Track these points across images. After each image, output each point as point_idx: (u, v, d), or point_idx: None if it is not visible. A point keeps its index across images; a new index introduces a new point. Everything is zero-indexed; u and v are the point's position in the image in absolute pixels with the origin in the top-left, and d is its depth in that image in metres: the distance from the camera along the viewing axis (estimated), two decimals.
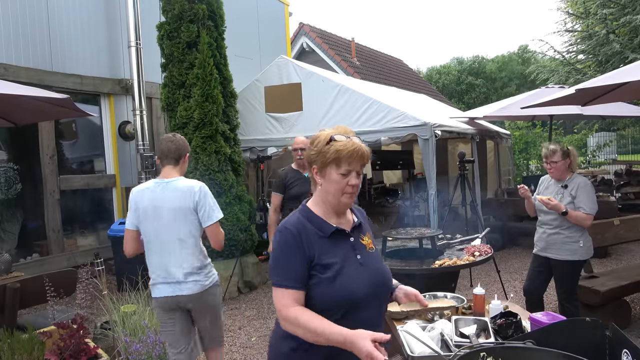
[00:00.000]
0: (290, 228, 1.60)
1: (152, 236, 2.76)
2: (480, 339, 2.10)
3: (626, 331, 4.04)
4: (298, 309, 1.53)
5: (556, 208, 3.56)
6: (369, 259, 1.68)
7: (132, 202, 2.77)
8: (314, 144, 1.65)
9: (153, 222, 2.73)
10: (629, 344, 1.47)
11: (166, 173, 2.81)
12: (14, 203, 6.58)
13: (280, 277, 1.57)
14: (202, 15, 5.95)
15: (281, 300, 1.55)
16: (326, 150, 1.60)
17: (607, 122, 14.27)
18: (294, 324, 1.52)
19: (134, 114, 7.30)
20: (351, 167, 1.60)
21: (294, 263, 1.56)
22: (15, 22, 6.25)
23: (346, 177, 1.60)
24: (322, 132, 1.67)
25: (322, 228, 1.63)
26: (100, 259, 4.07)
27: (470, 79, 35.74)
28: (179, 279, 2.73)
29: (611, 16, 11.88)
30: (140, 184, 2.88)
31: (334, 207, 1.66)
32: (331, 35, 16.28)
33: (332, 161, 1.59)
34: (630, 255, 6.95)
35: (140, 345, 2.95)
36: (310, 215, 1.66)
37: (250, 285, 6.05)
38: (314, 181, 1.68)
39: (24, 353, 2.66)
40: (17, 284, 3.32)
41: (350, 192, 1.62)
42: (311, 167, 1.66)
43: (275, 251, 1.60)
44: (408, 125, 6.01)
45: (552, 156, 3.65)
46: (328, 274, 1.57)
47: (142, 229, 2.77)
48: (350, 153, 1.58)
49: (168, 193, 2.74)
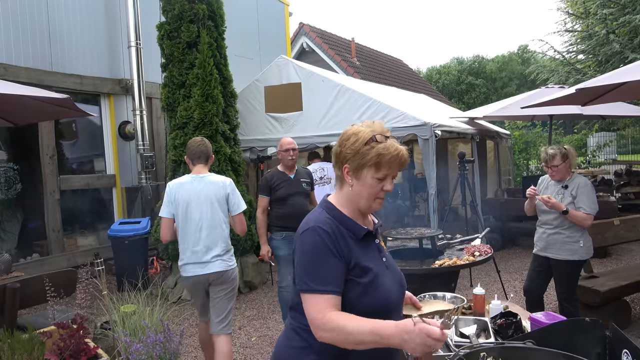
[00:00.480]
0: (325, 228, 1.45)
1: (192, 222, 3.16)
2: (480, 339, 2.09)
3: (626, 331, 4.04)
4: (338, 313, 1.38)
5: (556, 207, 3.56)
6: (390, 261, 1.63)
7: (171, 194, 3.19)
8: (349, 141, 1.50)
9: (194, 210, 3.16)
10: (629, 344, 1.47)
11: (199, 170, 3.27)
12: (14, 203, 6.59)
13: (316, 281, 1.40)
14: (202, 15, 5.95)
15: (316, 306, 1.38)
16: (366, 151, 1.47)
17: (607, 122, 14.27)
18: (336, 329, 1.35)
19: (134, 114, 7.30)
20: (390, 172, 1.49)
21: (332, 266, 1.42)
22: (15, 22, 6.25)
23: (382, 182, 1.49)
24: (360, 130, 1.51)
25: (354, 230, 1.51)
26: (100, 259, 4.08)
27: (470, 79, 35.74)
28: (208, 259, 3.14)
29: (611, 16, 11.88)
30: (176, 179, 3.29)
31: (362, 210, 1.56)
32: (331, 35, 16.28)
33: (372, 164, 1.47)
34: (630, 255, 6.95)
35: (140, 345, 2.95)
36: (341, 215, 1.53)
37: (250, 285, 6.05)
38: (342, 180, 1.55)
39: (24, 353, 2.66)
40: (17, 284, 3.32)
41: (382, 197, 1.53)
42: (342, 165, 1.52)
43: (308, 254, 1.43)
44: (408, 125, 6.01)
45: (552, 160, 3.63)
46: (365, 278, 1.46)
47: (181, 216, 3.17)
48: (393, 158, 1.47)
49: (205, 185, 3.21)
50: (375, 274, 1.49)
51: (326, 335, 1.37)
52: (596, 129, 13.76)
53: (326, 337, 1.38)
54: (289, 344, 1.54)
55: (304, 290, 1.42)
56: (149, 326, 3.23)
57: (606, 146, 14.01)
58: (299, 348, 1.50)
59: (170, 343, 3.12)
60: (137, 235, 6.08)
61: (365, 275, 1.47)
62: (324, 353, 1.46)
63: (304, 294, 1.42)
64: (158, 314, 3.53)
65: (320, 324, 1.37)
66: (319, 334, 1.39)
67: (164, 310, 3.81)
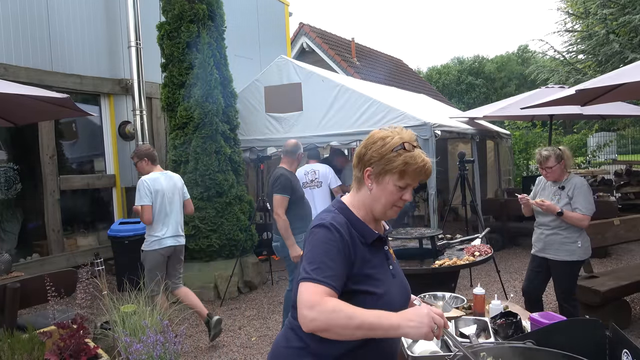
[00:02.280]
0: (339, 228, 1.42)
1: (167, 207, 4.23)
2: (480, 339, 2.10)
3: (626, 331, 4.05)
4: (335, 299, 1.31)
5: (550, 209, 3.56)
6: (397, 269, 1.60)
7: (150, 186, 4.11)
8: (376, 144, 1.47)
9: (168, 198, 4.23)
10: (629, 344, 1.47)
11: (159, 169, 4.33)
12: (14, 203, 6.58)
13: (317, 272, 1.33)
14: (202, 15, 5.95)
15: (314, 290, 1.30)
16: (392, 157, 1.43)
17: (607, 122, 14.27)
18: (336, 310, 1.26)
19: (134, 114, 7.29)
20: (413, 182, 1.46)
21: (337, 263, 1.37)
22: (15, 22, 6.25)
23: (402, 191, 1.47)
24: (388, 135, 1.47)
25: (364, 234, 1.48)
26: (100, 259, 4.10)
27: (470, 79, 35.75)
28: (180, 234, 4.34)
29: (611, 16, 11.88)
30: (147, 175, 4.20)
31: (376, 216, 1.52)
32: (331, 35, 16.28)
33: (396, 172, 1.44)
34: (630, 255, 6.95)
35: (140, 345, 2.95)
36: (353, 217, 1.50)
37: (250, 285, 6.05)
38: (360, 183, 1.51)
39: (24, 353, 2.66)
40: (17, 284, 3.32)
41: (400, 206, 1.50)
42: (364, 168, 1.49)
43: (317, 247, 1.39)
44: (408, 125, 5.99)
45: (546, 162, 3.62)
46: (367, 286, 1.43)
47: (160, 203, 4.17)
48: (419, 169, 1.44)
49: (171, 179, 4.32)
50: (380, 281, 1.46)
51: (322, 317, 1.26)
52: (596, 129, 13.77)
53: (321, 319, 1.26)
54: (287, 345, 1.52)
55: (304, 279, 1.34)
56: (149, 326, 3.23)
57: (606, 146, 14.02)
58: (297, 349, 1.48)
59: (170, 343, 3.12)
60: (137, 235, 6.07)
61: (368, 282, 1.43)
62: (321, 357, 1.43)
63: (302, 283, 1.34)
64: (158, 314, 3.53)
65: (316, 304, 1.27)
66: (311, 315, 1.27)
67: (164, 310, 3.81)
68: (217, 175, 5.80)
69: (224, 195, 5.85)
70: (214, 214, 5.78)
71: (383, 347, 1.48)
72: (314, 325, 1.27)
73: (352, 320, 1.26)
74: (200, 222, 5.70)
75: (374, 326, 1.27)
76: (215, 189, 5.80)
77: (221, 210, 5.83)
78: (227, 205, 5.85)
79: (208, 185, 5.77)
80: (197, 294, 5.65)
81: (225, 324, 4.88)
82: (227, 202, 5.85)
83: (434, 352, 1.94)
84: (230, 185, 5.93)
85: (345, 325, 1.26)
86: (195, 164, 5.80)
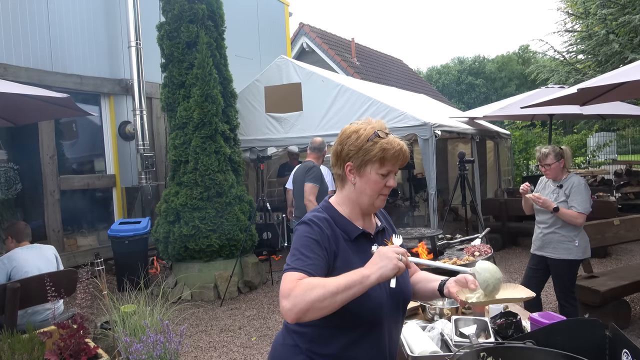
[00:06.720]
0: (319, 223, 1.45)
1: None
2: (480, 339, 2.09)
3: (626, 331, 4.05)
4: (307, 278, 1.31)
5: (545, 205, 3.61)
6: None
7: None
8: (350, 138, 1.49)
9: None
10: (629, 344, 1.47)
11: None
12: (14, 203, 6.58)
13: (296, 262, 1.36)
14: (201, 15, 5.95)
15: (290, 278, 1.31)
16: (369, 147, 1.46)
17: (607, 122, 14.26)
18: (313, 285, 1.25)
19: (134, 114, 7.30)
20: (393, 167, 1.50)
21: (316, 254, 1.39)
22: (15, 22, 6.25)
23: (385, 178, 1.49)
24: (360, 127, 1.51)
25: (347, 230, 1.50)
26: (100, 259, 4.08)
27: (470, 79, 35.77)
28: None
29: (611, 16, 11.87)
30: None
31: (363, 209, 1.54)
32: (331, 35, 16.28)
33: (376, 160, 1.47)
34: (630, 255, 6.95)
35: (141, 345, 2.95)
36: (336, 215, 1.52)
37: (250, 285, 6.05)
38: (343, 179, 1.54)
39: (24, 353, 2.66)
40: (17, 284, 3.32)
41: (385, 194, 1.52)
42: (343, 164, 1.52)
43: (297, 242, 1.43)
44: (408, 125, 6.01)
45: (545, 159, 3.68)
46: None
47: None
48: (397, 152, 1.48)
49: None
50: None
51: (298, 299, 1.24)
52: (596, 129, 13.77)
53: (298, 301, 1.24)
54: (283, 342, 1.56)
55: (285, 270, 1.36)
56: (149, 326, 3.24)
57: (606, 146, 14.01)
58: (291, 346, 1.52)
59: (170, 343, 3.12)
60: (137, 235, 6.09)
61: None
62: (315, 355, 1.46)
63: (284, 275, 1.35)
64: (158, 314, 3.54)
65: (291, 290, 1.26)
66: (289, 304, 1.25)
67: (164, 310, 3.81)
68: (217, 175, 5.80)
69: (224, 195, 5.84)
70: (214, 214, 5.79)
71: (378, 347, 1.49)
72: (294, 312, 1.25)
73: (327, 288, 1.24)
74: (200, 222, 5.70)
75: (349, 284, 1.26)
76: (215, 189, 5.80)
77: (221, 210, 5.83)
78: (227, 205, 5.85)
79: (208, 185, 5.77)
80: (197, 294, 5.69)
81: (225, 324, 4.88)
82: (227, 202, 5.85)
83: (434, 352, 1.94)
84: (230, 185, 5.93)
85: (323, 295, 1.24)
86: (195, 164, 5.80)
